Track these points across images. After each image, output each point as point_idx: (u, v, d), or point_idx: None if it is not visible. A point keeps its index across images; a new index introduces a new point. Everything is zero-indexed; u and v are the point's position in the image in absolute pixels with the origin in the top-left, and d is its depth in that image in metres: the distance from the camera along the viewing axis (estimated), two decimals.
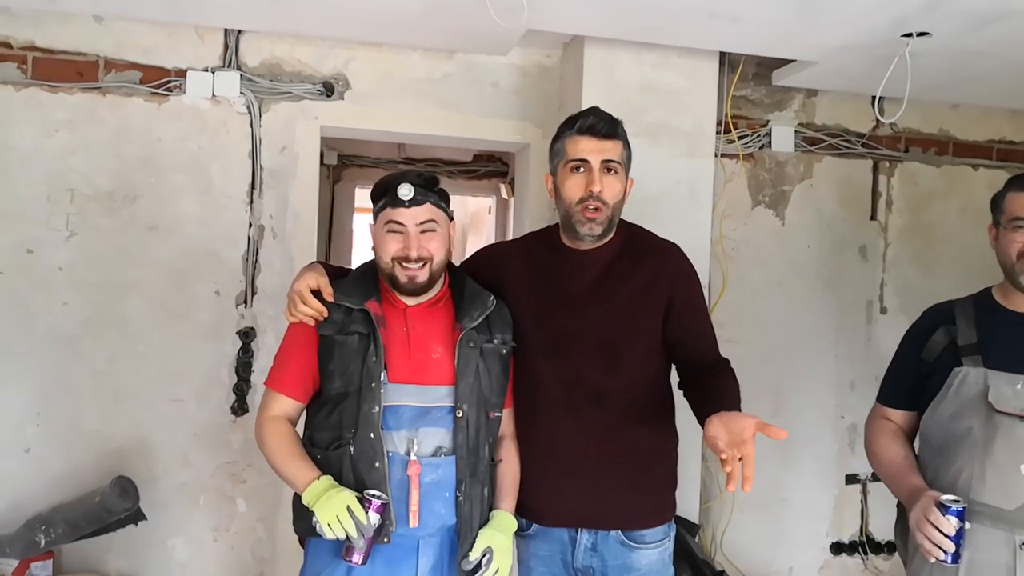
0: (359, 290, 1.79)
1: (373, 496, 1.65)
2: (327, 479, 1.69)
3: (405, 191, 1.72)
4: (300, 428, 1.85)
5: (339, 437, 1.73)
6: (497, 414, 1.85)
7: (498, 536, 1.79)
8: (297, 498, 1.73)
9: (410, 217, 1.74)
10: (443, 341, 1.80)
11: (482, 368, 1.80)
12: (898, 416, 1.99)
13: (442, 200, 1.80)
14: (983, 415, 1.76)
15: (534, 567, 1.97)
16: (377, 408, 1.70)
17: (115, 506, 2.43)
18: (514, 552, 1.89)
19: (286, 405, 1.80)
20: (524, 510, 1.95)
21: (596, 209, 1.84)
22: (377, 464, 1.70)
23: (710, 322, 1.97)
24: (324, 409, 1.77)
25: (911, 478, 1.84)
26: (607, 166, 1.84)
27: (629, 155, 1.91)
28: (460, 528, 1.77)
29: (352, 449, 1.71)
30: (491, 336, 1.83)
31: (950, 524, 1.65)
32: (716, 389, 1.78)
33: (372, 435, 1.70)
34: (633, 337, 1.88)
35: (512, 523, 1.85)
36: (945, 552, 1.66)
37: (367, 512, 1.63)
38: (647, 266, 1.90)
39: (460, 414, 1.75)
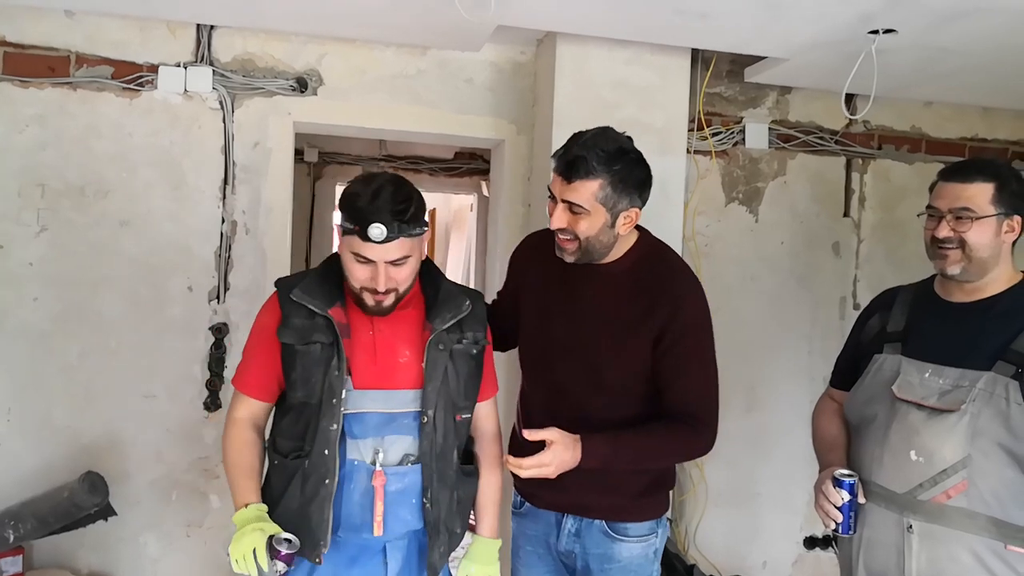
0: (323, 292, 1.70)
1: (284, 543, 1.60)
2: (255, 509, 1.65)
3: (377, 232, 1.56)
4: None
5: (300, 448, 1.70)
6: (465, 416, 1.80)
7: (472, 567, 1.80)
8: None
9: (381, 253, 1.60)
10: (411, 343, 1.73)
11: (450, 370, 1.74)
12: (840, 396, 2.03)
13: (417, 227, 1.63)
14: (888, 401, 1.79)
15: (522, 544, 2.04)
16: (335, 426, 1.65)
17: (84, 501, 2.43)
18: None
19: (252, 407, 1.77)
20: (518, 489, 2.03)
21: (565, 240, 1.82)
22: (327, 481, 1.65)
23: (699, 373, 1.85)
24: (290, 416, 1.73)
25: (830, 455, 1.92)
26: (570, 207, 1.78)
27: (614, 192, 1.76)
28: (429, 533, 1.74)
29: (307, 463, 1.67)
30: (462, 336, 1.76)
31: (838, 495, 1.75)
32: (636, 428, 1.81)
33: (327, 452, 1.65)
34: (618, 360, 1.85)
35: (489, 550, 1.84)
36: (836, 522, 1.76)
37: (270, 560, 1.58)
38: (649, 292, 1.84)
39: (426, 419, 1.70)
